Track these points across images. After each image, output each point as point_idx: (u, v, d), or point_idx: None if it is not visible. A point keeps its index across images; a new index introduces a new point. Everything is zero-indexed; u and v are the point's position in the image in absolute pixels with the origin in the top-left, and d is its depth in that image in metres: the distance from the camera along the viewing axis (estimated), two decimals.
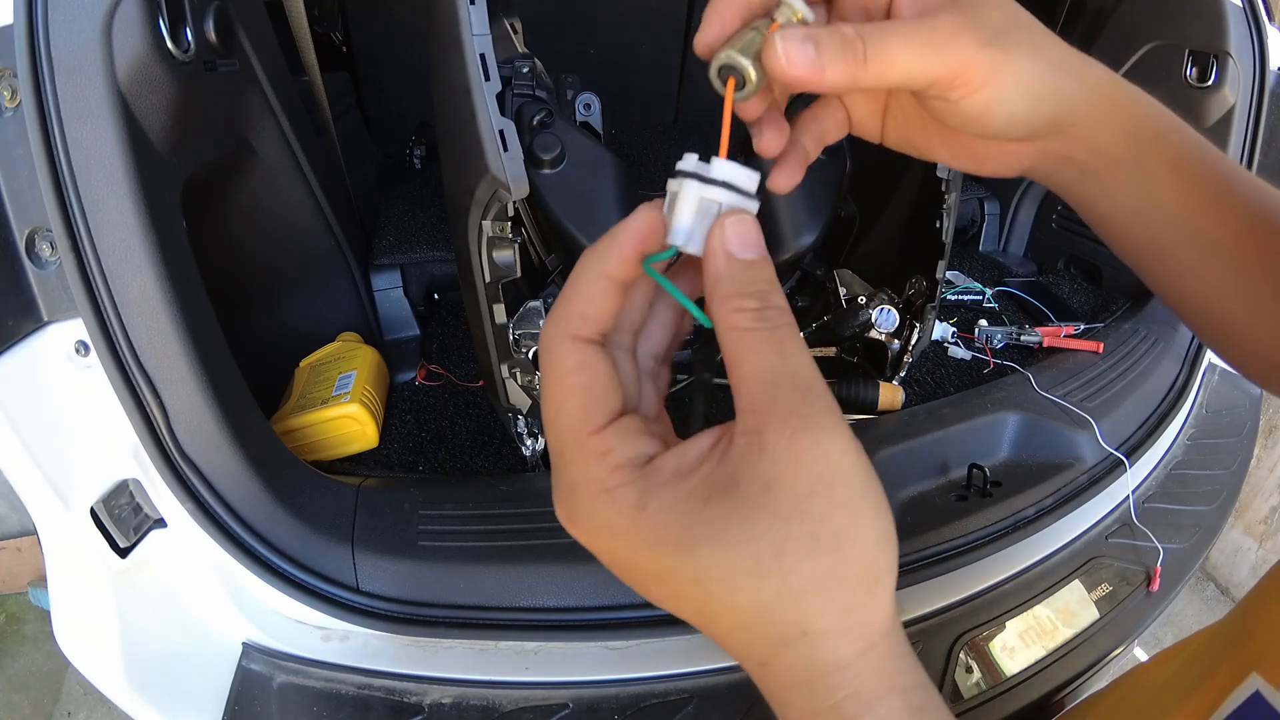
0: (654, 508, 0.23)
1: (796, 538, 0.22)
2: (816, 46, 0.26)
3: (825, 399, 0.23)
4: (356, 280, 1.02)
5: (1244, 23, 0.95)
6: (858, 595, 0.23)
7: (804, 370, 0.23)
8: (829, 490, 0.22)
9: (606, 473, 0.24)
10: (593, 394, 0.24)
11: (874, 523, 0.23)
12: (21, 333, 0.55)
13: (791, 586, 0.22)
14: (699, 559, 0.23)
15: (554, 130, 0.84)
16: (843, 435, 0.23)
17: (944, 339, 1.06)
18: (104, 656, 0.60)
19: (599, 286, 0.25)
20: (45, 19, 0.52)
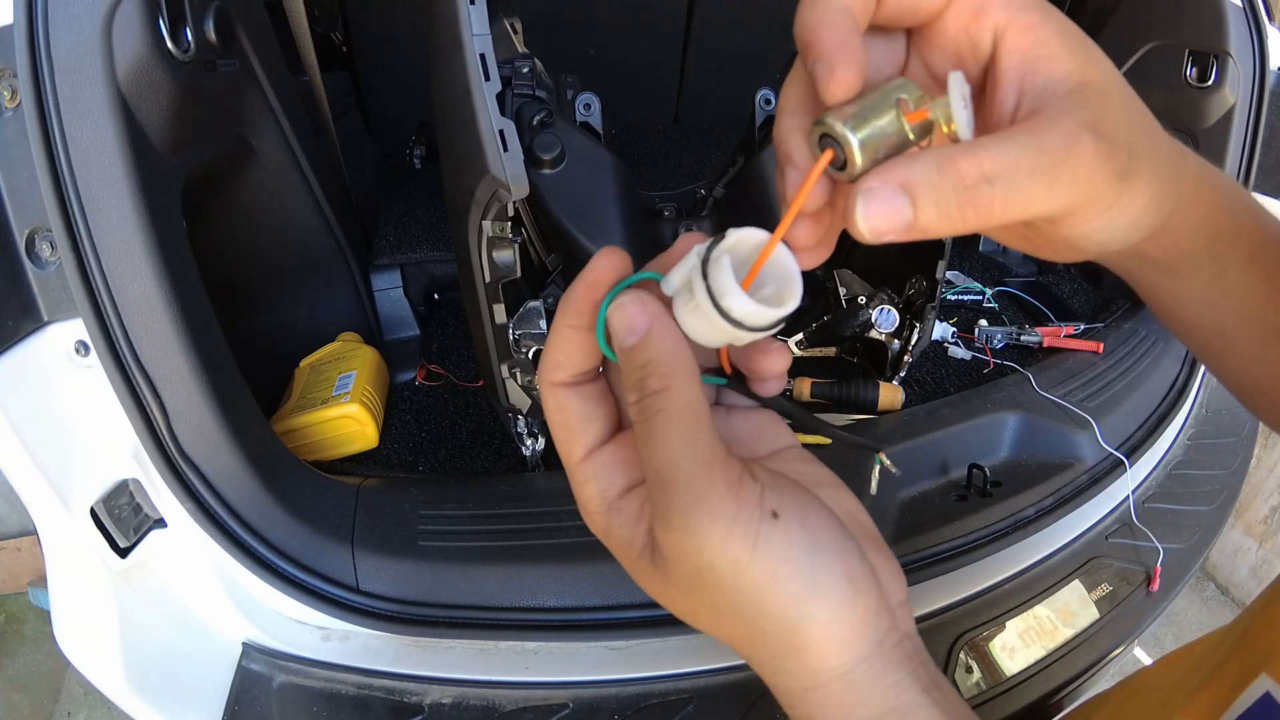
0: (613, 540, 0.27)
1: (703, 605, 0.25)
2: (916, 201, 0.21)
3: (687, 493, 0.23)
4: (356, 280, 1.02)
5: (1244, 23, 0.94)
6: (782, 653, 0.24)
7: (665, 464, 0.23)
8: (717, 580, 0.23)
9: (587, 499, 0.27)
10: (569, 430, 0.27)
11: (790, 604, 0.23)
12: (21, 333, 0.55)
13: (722, 633, 0.26)
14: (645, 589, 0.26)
15: (554, 130, 0.84)
16: (711, 532, 0.22)
17: (944, 339, 1.06)
18: (104, 656, 0.60)
19: (561, 337, 0.26)
20: (45, 19, 0.52)
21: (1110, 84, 0.24)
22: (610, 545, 0.27)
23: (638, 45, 1.55)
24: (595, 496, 0.27)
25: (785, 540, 0.23)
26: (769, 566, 0.23)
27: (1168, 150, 0.26)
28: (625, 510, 0.26)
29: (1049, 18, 0.24)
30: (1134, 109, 0.24)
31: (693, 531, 0.23)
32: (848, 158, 0.22)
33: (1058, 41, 0.24)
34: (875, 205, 0.21)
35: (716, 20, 1.52)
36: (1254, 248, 0.30)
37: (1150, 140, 0.24)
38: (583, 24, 1.48)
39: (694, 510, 0.22)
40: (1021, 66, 0.24)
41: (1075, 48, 0.24)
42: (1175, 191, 0.26)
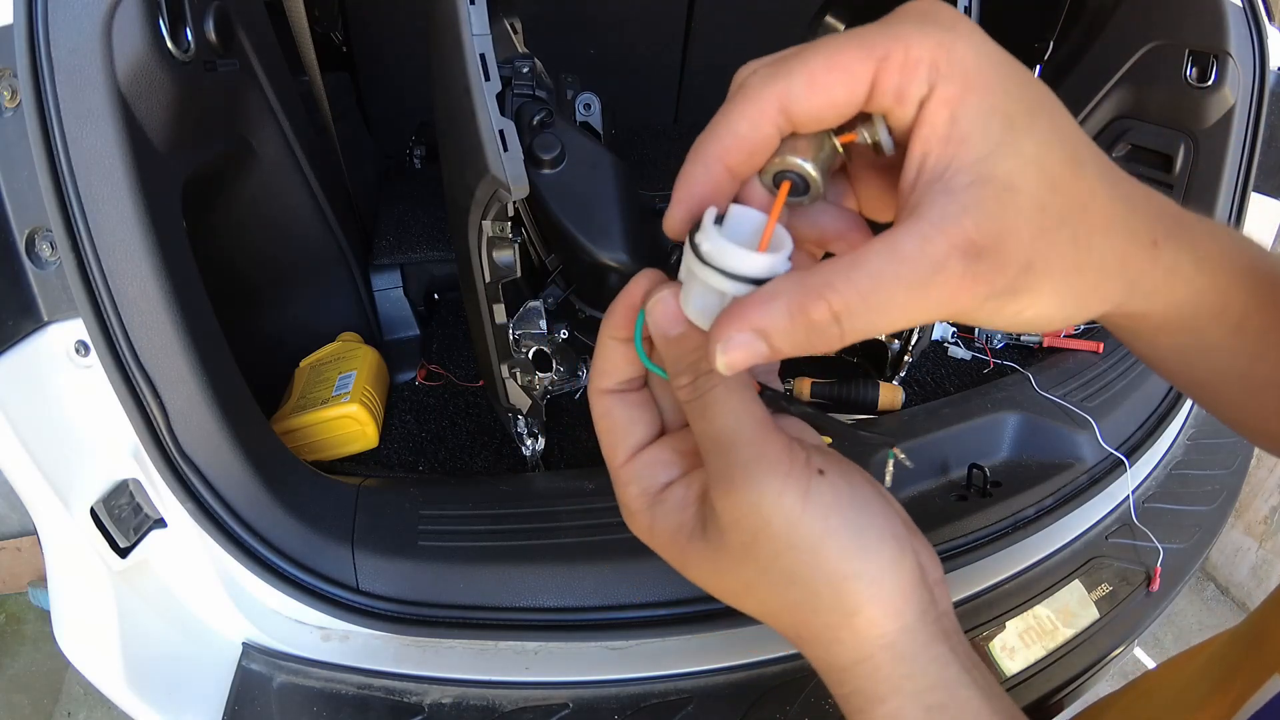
0: (658, 532, 0.28)
1: (756, 575, 0.26)
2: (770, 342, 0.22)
3: (747, 452, 0.24)
4: (356, 280, 1.02)
5: (1244, 23, 0.94)
6: (833, 618, 0.25)
7: (724, 429, 0.25)
8: (770, 538, 0.25)
9: (630, 498, 0.29)
10: (614, 434, 0.29)
11: (841, 560, 0.25)
12: (21, 333, 0.55)
13: (770, 607, 0.27)
14: (693, 575, 0.28)
15: (554, 130, 0.84)
16: (770, 485, 0.24)
17: (944, 339, 1.06)
18: (104, 656, 0.60)
19: (606, 348, 0.29)
20: (45, 19, 0.52)
21: (1026, 178, 0.21)
22: (655, 540, 0.28)
23: (638, 45, 1.55)
24: (638, 495, 0.28)
25: (833, 493, 0.25)
26: (818, 518, 0.24)
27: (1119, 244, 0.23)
28: (669, 500, 0.28)
29: (974, 92, 0.21)
30: (1058, 207, 0.21)
31: (753, 486, 0.24)
32: (809, 182, 0.24)
33: (974, 120, 0.21)
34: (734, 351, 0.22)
35: (716, 20, 1.52)
36: (1243, 316, 0.28)
37: (1075, 242, 0.22)
38: (583, 24, 1.48)
39: (754, 467, 0.24)
40: (927, 145, 0.21)
41: (993, 130, 0.21)
42: (1121, 289, 0.24)
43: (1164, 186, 1.06)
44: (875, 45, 0.21)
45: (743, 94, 0.23)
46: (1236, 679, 0.30)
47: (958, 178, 0.21)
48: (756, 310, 0.22)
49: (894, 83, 0.21)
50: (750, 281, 0.23)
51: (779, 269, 0.23)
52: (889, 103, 0.22)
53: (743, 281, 0.23)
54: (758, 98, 0.22)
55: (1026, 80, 0.22)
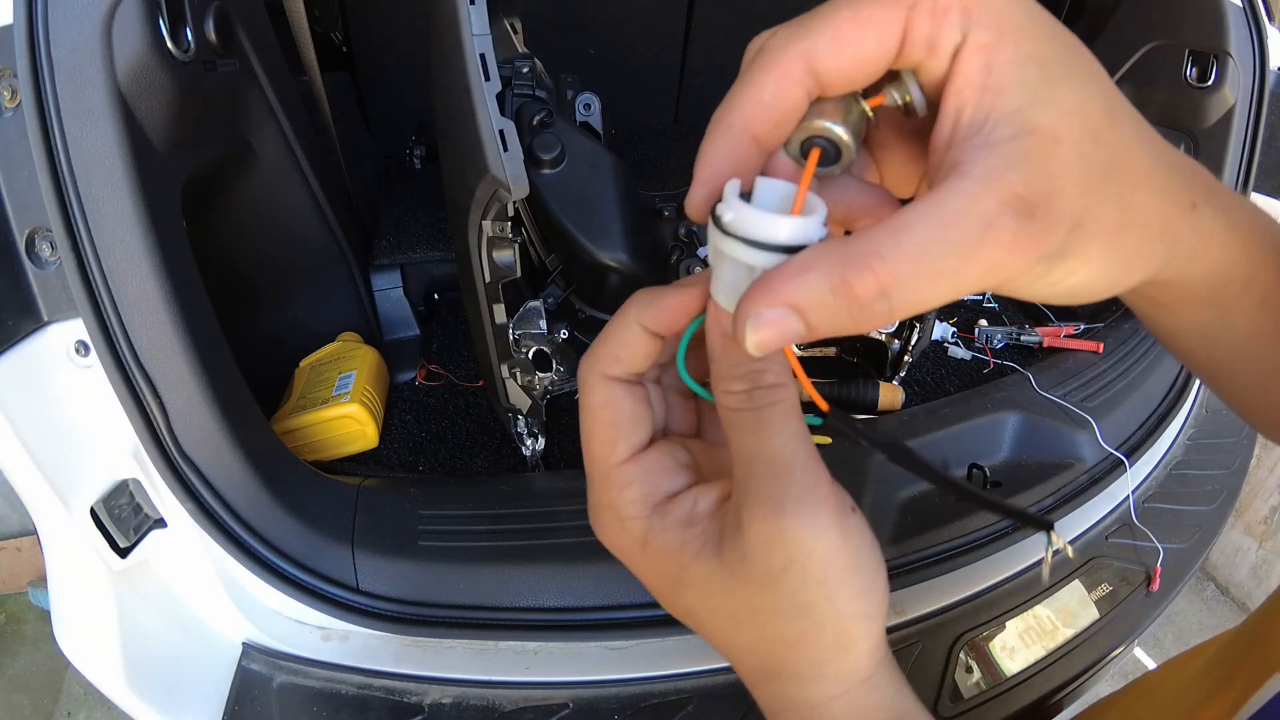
0: (655, 546, 0.26)
1: (770, 604, 0.24)
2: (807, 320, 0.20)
3: (802, 479, 0.23)
4: (356, 280, 1.02)
5: (1244, 23, 0.94)
6: (831, 653, 0.25)
7: (781, 452, 0.23)
8: (803, 570, 0.23)
9: (624, 503, 0.26)
10: (616, 429, 0.26)
11: (853, 599, 0.24)
12: (21, 333, 0.55)
13: (766, 639, 0.25)
14: (686, 598, 0.26)
15: (554, 130, 0.84)
16: (820, 519, 0.23)
17: (944, 339, 1.06)
18: (104, 656, 0.60)
19: (633, 334, 0.26)
20: (45, 19, 0.52)
21: (1068, 128, 0.19)
22: (649, 552, 0.26)
23: (638, 45, 1.55)
24: (638, 500, 0.26)
25: (859, 535, 0.24)
26: (848, 557, 0.24)
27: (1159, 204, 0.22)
28: (673, 513, 0.26)
29: (1009, 37, 0.19)
30: (1101, 161, 0.20)
31: (804, 516, 0.23)
32: (841, 147, 0.22)
33: (1010, 69, 0.19)
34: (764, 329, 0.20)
35: (716, 20, 1.52)
36: (1269, 290, 0.27)
37: (1120, 200, 0.20)
38: (583, 24, 1.48)
39: (808, 497, 0.23)
40: (962, 97, 0.20)
41: (1030, 78, 0.19)
42: (1162, 252, 0.23)
43: None
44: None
45: (764, 57, 0.21)
46: (1237, 679, 0.30)
47: (998, 130, 0.19)
48: (791, 282, 0.19)
49: (925, 31, 0.20)
50: (781, 250, 0.20)
51: (813, 235, 0.21)
52: (920, 54, 0.20)
53: (772, 251, 0.20)
54: (781, 59, 0.21)
55: (1057, 26, 0.20)
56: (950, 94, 0.20)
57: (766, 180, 0.22)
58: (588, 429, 0.27)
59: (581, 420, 0.27)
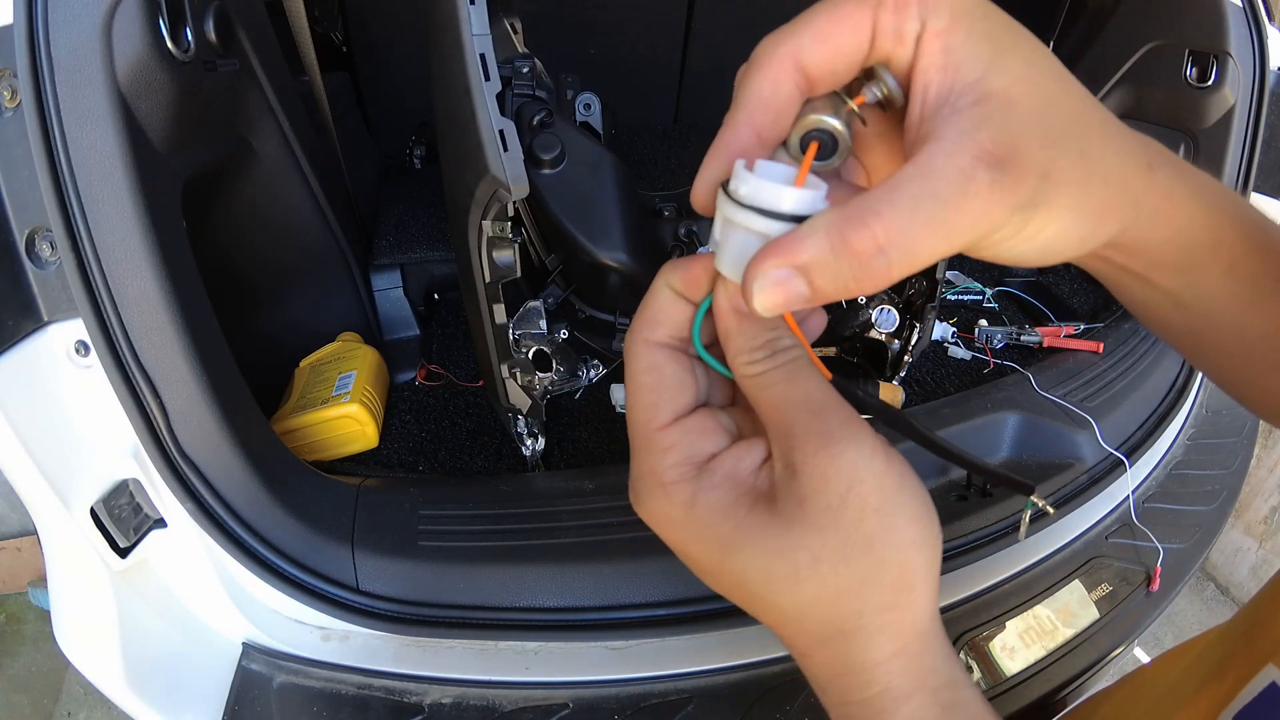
0: (703, 506, 0.25)
1: (832, 545, 0.24)
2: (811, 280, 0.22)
3: (840, 413, 0.25)
4: (356, 280, 1.02)
5: (1244, 23, 0.94)
6: (892, 596, 0.25)
7: (814, 393, 0.25)
8: (860, 497, 0.24)
9: (666, 467, 0.26)
10: (659, 392, 0.26)
11: (909, 524, 0.25)
12: (21, 333, 0.55)
13: (829, 590, 0.25)
14: (739, 561, 0.25)
15: (554, 130, 0.84)
16: (864, 443, 0.24)
17: (944, 339, 1.06)
18: (104, 656, 0.60)
19: (666, 297, 0.27)
20: (45, 19, 0.52)
21: (1022, 91, 0.22)
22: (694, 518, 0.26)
23: (638, 45, 1.55)
24: (681, 462, 0.26)
25: (902, 462, 0.25)
26: (896, 479, 0.25)
27: (1117, 162, 0.24)
28: (719, 470, 0.26)
29: (961, 21, 0.22)
30: (1057, 119, 0.22)
31: (852, 443, 0.24)
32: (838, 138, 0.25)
33: (965, 47, 0.22)
34: (770, 291, 0.22)
35: (716, 20, 1.52)
36: (1236, 257, 0.28)
37: (1081, 155, 0.22)
38: (583, 24, 1.48)
39: (851, 425, 0.24)
40: (927, 75, 0.23)
41: (983, 52, 0.22)
42: (1127, 208, 0.24)
43: None
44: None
45: (756, 59, 0.24)
46: (1228, 671, 0.30)
47: (961, 99, 0.22)
48: (796, 244, 0.21)
49: (891, 24, 0.23)
50: (788, 219, 0.22)
51: (817, 205, 0.23)
52: (890, 44, 0.23)
53: (780, 219, 0.22)
54: (773, 59, 0.24)
55: (1002, 13, 0.23)
56: (917, 75, 0.23)
57: (766, 162, 0.24)
58: (632, 395, 0.27)
59: (627, 390, 0.27)
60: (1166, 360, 0.96)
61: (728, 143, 0.25)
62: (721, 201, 0.24)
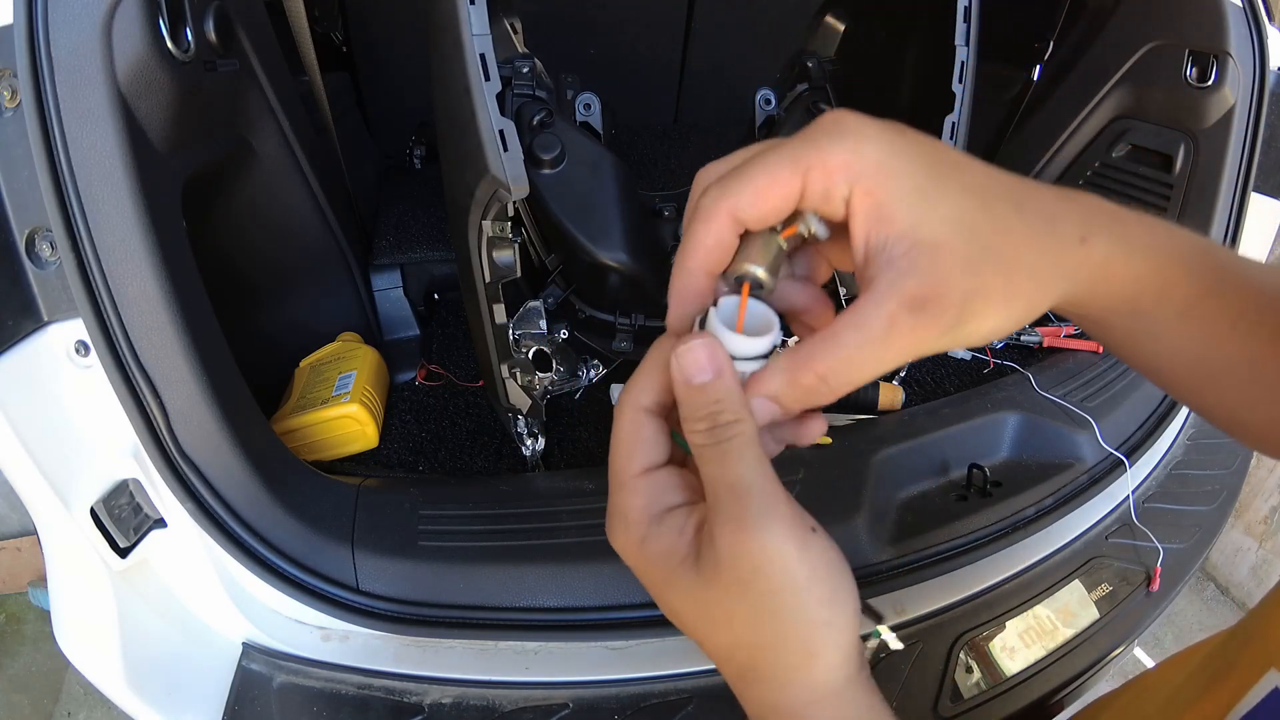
0: (649, 549, 0.30)
1: (742, 611, 0.28)
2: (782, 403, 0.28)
3: (762, 499, 0.27)
4: (356, 280, 1.02)
5: (1244, 23, 0.94)
6: (799, 659, 0.28)
7: (742, 478, 0.28)
8: (766, 578, 0.27)
9: (630, 509, 0.30)
10: (635, 447, 0.31)
11: (816, 606, 0.28)
12: (21, 333, 0.55)
13: (743, 642, 0.29)
14: (671, 602, 0.30)
15: (554, 130, 0.84)
16: (776, 532, 0.27)
17: None
18: (104, 656, 0.60)
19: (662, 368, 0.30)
20: (45, 19, 0.52)
21: (947, 233, 0.26)
22: (644, 555, 0.30)
23: (638, 45, 1.55)
24: (642, 507, 0.30)
25: (821, 550, 0.28)
26: (808, 568, 0.28)
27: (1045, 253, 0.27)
28: (669, 523, 0.30)
29: (888, 180, 0.26)
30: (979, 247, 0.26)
31: (762, 531, 0.27)
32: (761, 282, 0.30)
33: (895, 201, 0.26)
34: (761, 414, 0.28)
35: (716, 20, 1.52)
36: (1188, 303, 0.30)
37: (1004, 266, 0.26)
38: (583, 24, 1.48)
39: (766, 514, 0.27)
40: (864, 229, 0.27)
41: (913, 202, 0.26)
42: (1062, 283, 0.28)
43: (1164, 186, 1.06)
44: (799, 160, 0.27)
45: (700, 213, 0.29)
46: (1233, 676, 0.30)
47: (894, 248, 0.26)
48: (766, 382, 0.28)
49: (819, 188, 0.27)
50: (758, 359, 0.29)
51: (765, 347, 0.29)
52: (818, 202, 0.27)
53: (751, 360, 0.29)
54: (715, 214, 0.28)
55: (931, 154, 0.27)
56: (855, 227, 0.27)
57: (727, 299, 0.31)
58: (614, 446, 0.31)
59: (611, 442, 0.31)
60: None
61: (685, 286, 0.30)
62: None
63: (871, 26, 1.01)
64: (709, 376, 0.28)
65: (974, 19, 0.75)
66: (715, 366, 0.28)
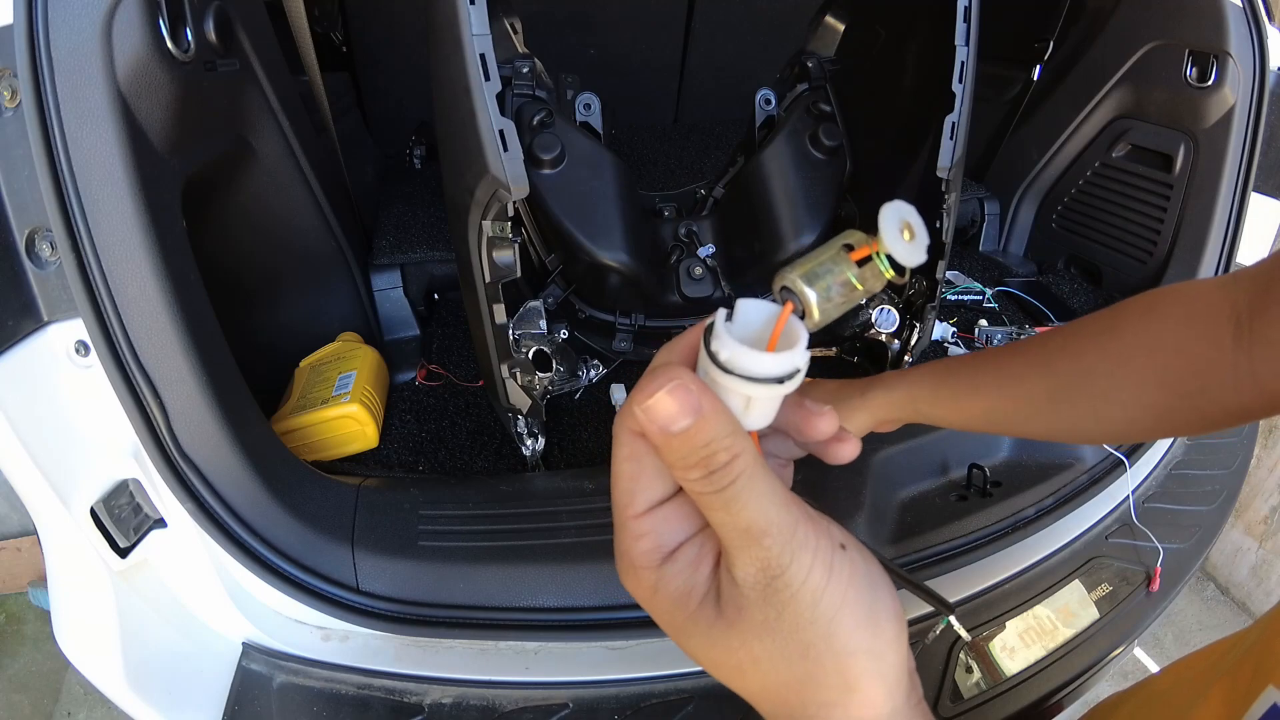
0: (663, 594, 0.27)
1: (771, 650, 0.26)
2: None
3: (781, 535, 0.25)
4: (356, 280, 1.02)
5: (1244, 23, 0.95)
6: (836, 695, 0.26)
7: (754, 521, 0.25)
8: (795, 613, 0.25)
9: (638, 553, 0.28)
10: (637, 481, 0.27)
11: (851, 633, 0.25)
12: (21, 333, 0.55)
13: (772, 683, 0.26)
14: (692, 646, 0.28)
15: (554, 130, 0.84)
16: (801, 565, 0.25)
17: (944, 339, 1.06)
18: (104, 656, 0.60)
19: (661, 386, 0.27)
20: (45, 19, 0.52)
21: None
22: (657, 600, 0.28)
23: (638, 45, 1.55)
24: (651, 550, 0.28)
25: (852, 569, 0.26)
26: (839, 592, 0.25)
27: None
28: (680, 560, 0.28)
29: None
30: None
31: (787, 569, 0.25)
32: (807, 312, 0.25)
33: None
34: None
35: (716, 20, 1.52)
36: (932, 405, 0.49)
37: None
38: (583, 24, 1.48)
39: (788, 550, 0.25)
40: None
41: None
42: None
43: (1164, 186, 1.06)
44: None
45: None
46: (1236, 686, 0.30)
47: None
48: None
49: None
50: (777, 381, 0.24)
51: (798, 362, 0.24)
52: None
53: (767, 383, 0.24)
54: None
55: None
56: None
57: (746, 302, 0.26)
58: (614, 480, 0.28)
59: (612, 472, 0.28)
60: None
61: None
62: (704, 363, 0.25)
63: (871, 26, 1.01)
64: (689, 420, 0.24)
65: (974, 19, 0.75)
66: (692, 407, 0.24)
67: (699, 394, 0.24)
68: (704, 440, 0.24)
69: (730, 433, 0.24)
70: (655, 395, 0.24)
